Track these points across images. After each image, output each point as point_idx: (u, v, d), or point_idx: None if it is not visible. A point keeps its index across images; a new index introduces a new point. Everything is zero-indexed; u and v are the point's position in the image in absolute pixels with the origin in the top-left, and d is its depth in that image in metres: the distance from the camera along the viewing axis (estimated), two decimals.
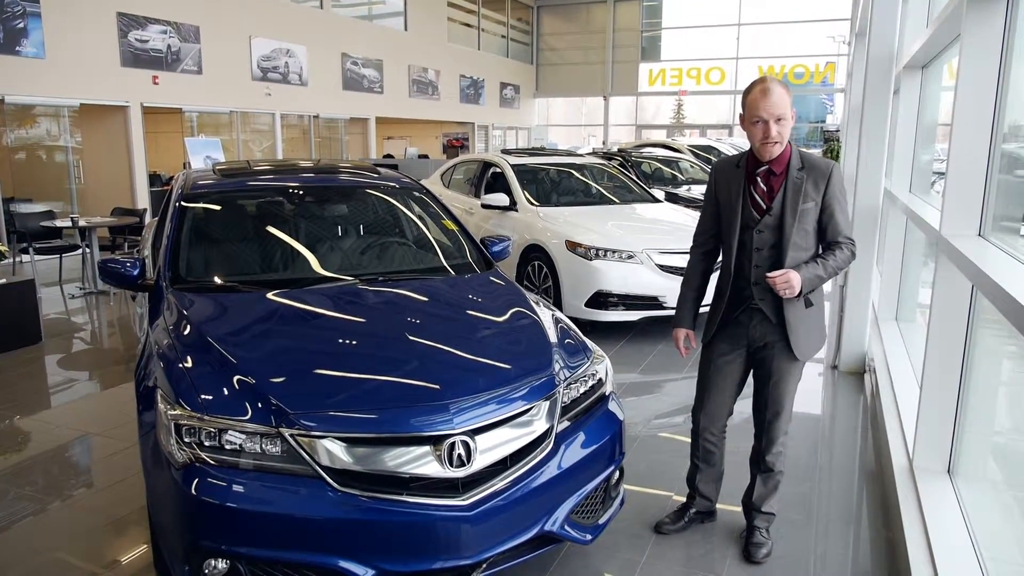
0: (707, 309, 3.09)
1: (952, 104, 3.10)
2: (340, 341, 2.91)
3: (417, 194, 4.37)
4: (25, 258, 9.23)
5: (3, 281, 6.11)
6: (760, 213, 2.83)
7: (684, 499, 3.33)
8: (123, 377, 5.50)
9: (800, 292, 2.74)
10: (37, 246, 8.58)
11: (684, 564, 3.02)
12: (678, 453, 4.05)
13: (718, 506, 3.32)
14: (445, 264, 3.91)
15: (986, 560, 2.58)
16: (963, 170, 3.04)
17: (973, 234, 3.03)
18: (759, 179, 2.83)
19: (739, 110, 2.85)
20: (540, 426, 2.60)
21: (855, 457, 4.15)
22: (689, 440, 3.06)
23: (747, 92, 2.77)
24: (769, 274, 2.73)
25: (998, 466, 3.34)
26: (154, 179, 13.14)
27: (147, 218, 9.47)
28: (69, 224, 8.24)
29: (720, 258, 3.06)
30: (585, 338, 3.18)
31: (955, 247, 2.85)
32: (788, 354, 2.87)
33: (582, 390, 2.85)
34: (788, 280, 2.69)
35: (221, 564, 2.35)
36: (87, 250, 8.41)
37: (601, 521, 2.81)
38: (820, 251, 2.87)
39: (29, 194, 12.01)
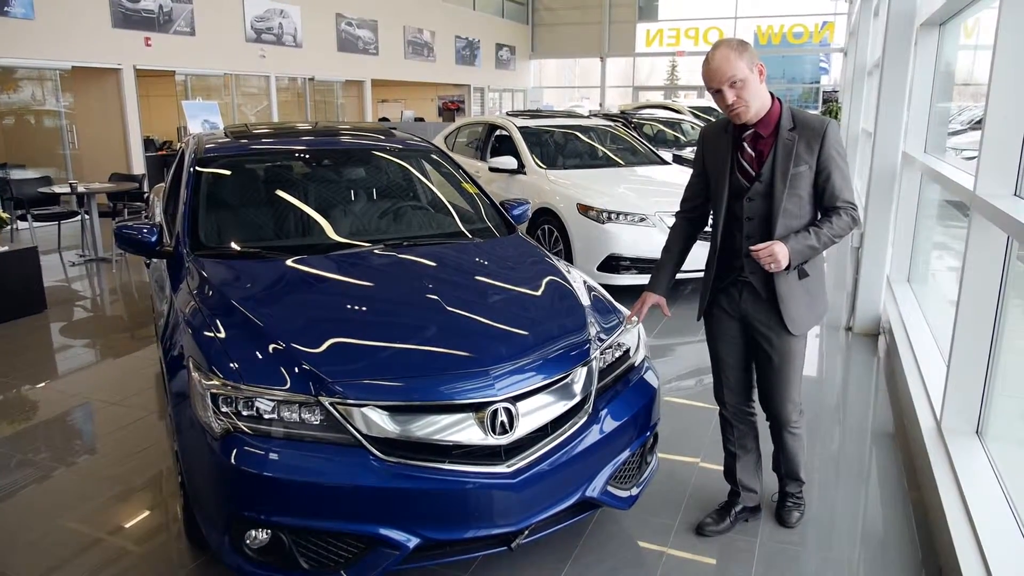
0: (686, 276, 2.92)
1: (990, 65, 3.02)
2: (373, 308, 2.86)
3: (435, 157, 4.29)
4: (22, 225, 9.10)
5: (5, 249, 6.01)
6: (749, 180, 2.61)
7: (727, 490, 3.09)
8: (132, 345, 5.45)
9: (789, 265, 2.52)
10: (35, 213, 8.45)
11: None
12: (699, 418, 4.05)
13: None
14: (470, 228, 3.85)
15: None
16: (1000, 131, 2.98)
17: (1009, 194, 2.99)
18: (746, 144, 2.61)
19: None
20: (579, 391, 2.57)
21: (872, 418, 4.15)
22: (707, 404, 2.93)
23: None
24: (752, 248, 2.51)
25: None
26: (148, 144, 12.93)
27: (145, 184, 9.34)
28: (68, 190, 8.10)
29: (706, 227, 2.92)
30: (617, 303, 3.14)
31: (992, 205, 2.82)
32: (784, 332, 2.68)
33: (617, 355, 2.82)
34: (773, 253, 2.46)
35: (262, 534, 2.32)
36: (86, 216, 8.28)
37: (638, 486, 2.80)
38: (817, 218, 2.63)
39: (22, 160, 11.84)
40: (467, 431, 2.34)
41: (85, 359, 5.28)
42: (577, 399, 2.56)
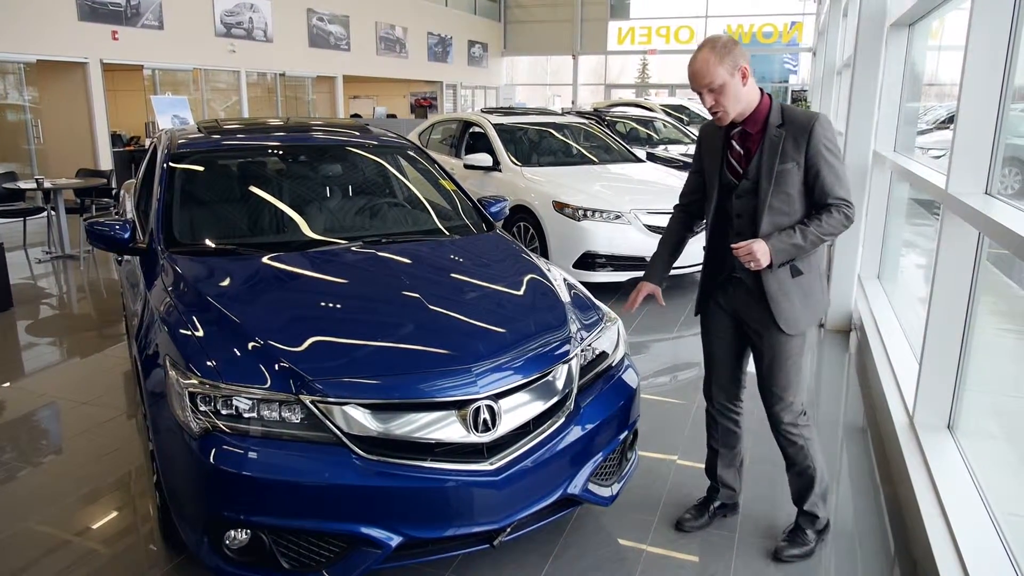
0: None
1: (961, 65, 3.08)
2: (353, 305, 2.84)
3: (412, 153, 4.26)
4: None
5: None
6: (737, 177, 2.60)
7: (707, 482, 3.08)
8: (101, 344, 5.35)
9: (772, 263, 2.48)
10: None
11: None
12: (676, 415, 4.08)
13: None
14: (450, 225, 3.83)
15: (996, 514, 2.64)
16: (971, 131, 3.04)
17: (980, 191, 3.04)
18: (734, 141, 2.61)
19: None
20: (560, 389, 2.57)
21: (844, 414, 4.21)
22: (684, 401, 2.87)
23: None
24: (733, 245, 2.50)
25: (996, 422, 3.42)
26: (115, 139, 12.71)
27: (113, 180, 9.17)
28: (34, 186, 7.92)
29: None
30: (597, 300, 3.15)
31: (964, 202, 2.87)
32: (776, 330, 2.63)
33: (598, 351, 2.82)
34: (752, 251, 2.43)
35: (242, 534, 2.30)
36: (53, 213, 8.11)
37: (619, 482, 2.81)
38: (808, 216, 2.57)
39: None
40: (449, 429, 2.33)
41: (52, 358, 5.17)
42: (559, 396, 2.56)
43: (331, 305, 2.83)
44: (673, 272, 6.10)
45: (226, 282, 2.94)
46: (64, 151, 11.63)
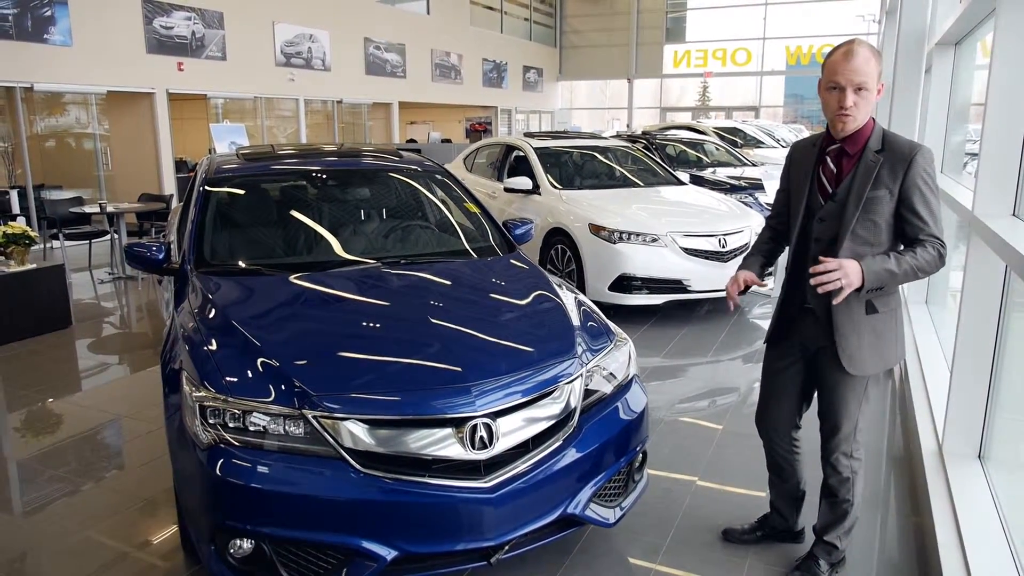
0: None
1: (986, 82, 3.01)
2: (363, 324, 2.91)
3: (439, 177, 4.36)
4: (55, 244, 9.38)
5: (34, 266, 6.20)
6: (825, 198, 2.50)
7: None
8: (152, 360, 5.57)
9: (863, 286, 2.30)
10: (67, 232, 8.70)
11: (709, 549, 3.00)
12: (701, 437, 4.03)
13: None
14: (467, 247, 3.90)
15: (1019, 547, 2.53)
16: (997, 149, 2.96)
17: (1007, 213, 2.96)
18: (829, 159, 2.50)
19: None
20: (563, 408, 2.59)
21: (883, 441, 4.10)
22: (711, 424, 2.87)
23: (830, 54, 2.40)
24: (813, 268, 2.30)
25: None
26: (180, 165, 13.26)
27: (173, 203, 9.58)
28: (97, 210, 8.34)
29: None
30: (608, 321, 3.16)
31: (989, 227, 2.79)
32: (839, 369, 2.51)
33: (605, 372, 2.83)
34: (842, 266, 2.25)
35: (246, 544, 2.37)
36: (115, 236, 8.51)
37: (624, 504, 2.80)
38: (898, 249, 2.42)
39: (58, 181, 12.19)
40: (447, 445, 2.37)
41: (105, 373, 5.41)
42: (560, 416, 2.58)
43: (340, 323, 2.92)
44: (711, 296, 6.12)
45: (246, 301, 3.06)
46: (131, 177, 12.19)
